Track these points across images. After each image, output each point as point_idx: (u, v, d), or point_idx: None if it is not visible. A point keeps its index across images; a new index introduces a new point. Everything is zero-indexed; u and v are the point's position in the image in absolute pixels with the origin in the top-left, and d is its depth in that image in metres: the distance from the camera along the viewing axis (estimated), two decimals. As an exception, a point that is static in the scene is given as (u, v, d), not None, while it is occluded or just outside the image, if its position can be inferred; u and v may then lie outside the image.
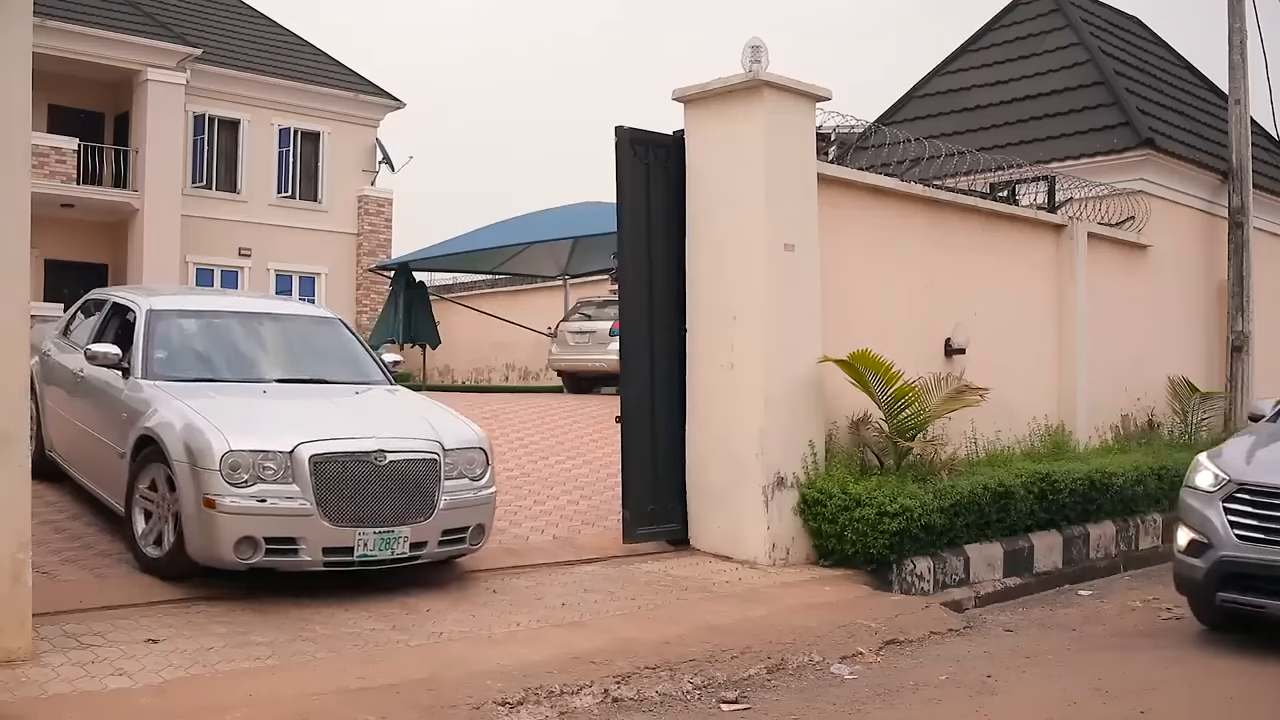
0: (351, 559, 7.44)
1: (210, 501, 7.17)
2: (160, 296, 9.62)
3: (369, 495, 7.50)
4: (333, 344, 9.76)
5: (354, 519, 7.41)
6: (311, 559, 7.34)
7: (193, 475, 7.27)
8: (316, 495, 7.32)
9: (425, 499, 7.73)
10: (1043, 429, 12.05)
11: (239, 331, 9.41)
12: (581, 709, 5.99)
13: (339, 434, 7.67)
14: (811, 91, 9.76)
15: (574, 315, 21.79)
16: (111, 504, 8.47)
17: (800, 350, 9.59)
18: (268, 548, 7.25)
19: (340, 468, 7.44)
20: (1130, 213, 13.97)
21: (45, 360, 10.23)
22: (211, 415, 7.59)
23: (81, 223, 28.25)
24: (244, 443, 7.31)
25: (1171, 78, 18.05)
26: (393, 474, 7.61)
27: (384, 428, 8.00)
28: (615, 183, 9.53)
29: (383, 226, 33.30)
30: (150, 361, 8.59)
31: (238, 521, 7.17)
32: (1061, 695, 6.69)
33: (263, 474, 7.27)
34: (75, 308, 10.73)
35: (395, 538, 7.55)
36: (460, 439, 8.21)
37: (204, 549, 7.28)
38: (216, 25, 32.42)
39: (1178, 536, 8.14)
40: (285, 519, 7.26)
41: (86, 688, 5.63)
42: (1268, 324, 15.79)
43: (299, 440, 7.41)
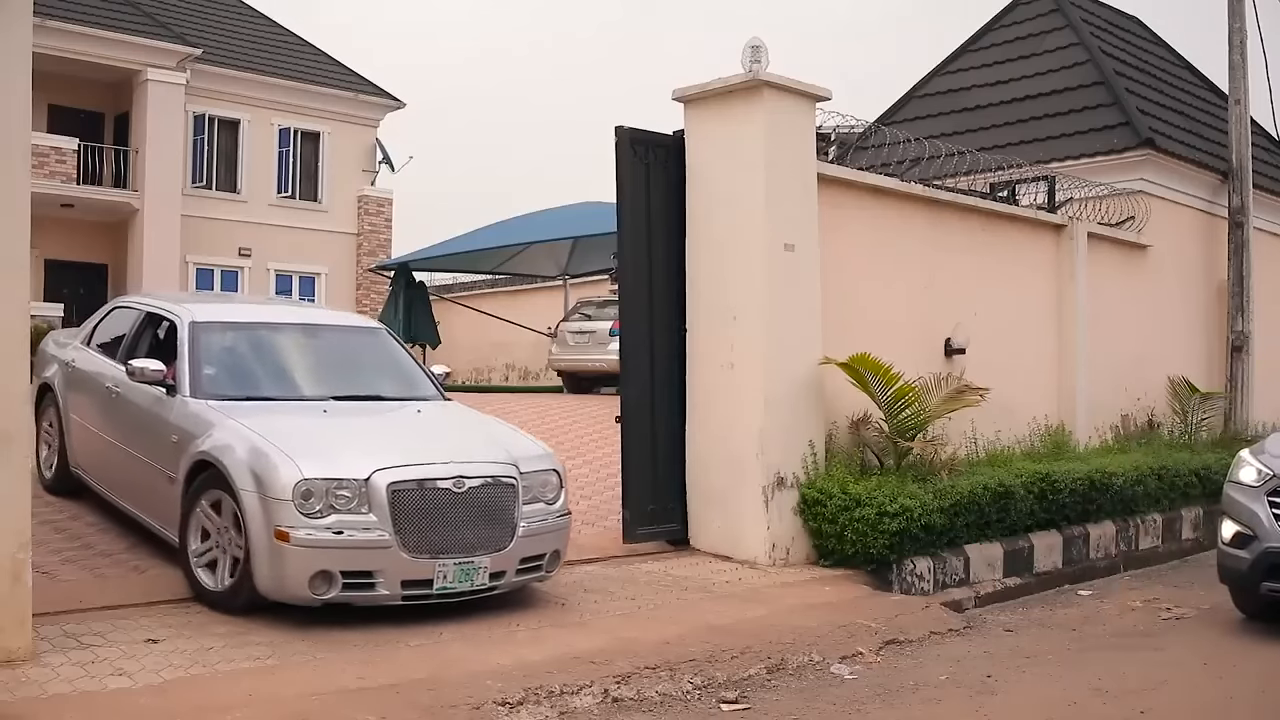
0: (430, 592, 7.03)
1: (283, 534, 6.70)
2: (201, 306, 9.04)
3: (448, 524, 7.08)
4: (381, 356, 9.27)
5: (433, 549, 6.99)
6: (389, 593, 6.93)
7: (262, 505, 6.80)
8: (395, 525, 6.88)
9: (504, 526, 7.32)
10: (1043, 429, 12.05)
11: (286, 344, 8.89)
12: (581, 709, 5.98)
13: (414, 459, 7.21)
14: (811, 91, 9.77)
15: (574, 315, 21.78)
16: (158, 530, 7.90)
17: (800, 350, 9.59)
18: (344, 582, 6.82)
19: (419, 495, 7.01)
20: (1130, 213, 13.97)
21: (69, 371, 9.64)
22: (277, 439, 7.11)
23: (81, 223, 28.26)
24: (317, 470, 6.85)
25: (1171, 78, 18.05)
26: (472, 501, 7.19)
27: (457, 450, 7.55)
28: (615, 183, 9.53)
29: (383, 226, 33.31)
30: (199, 378, 8.01)
31: (312, 555, 6.73)
32: (1061, 695, 6.69)
33: (336, 503, 6.82)
34: (99, 316, 10.09)
35: (475, 568, 7.14)
36: (535, 460, 7.80)
37: (275, 584, 6.82)
38: (216, 25, 32.43)
39: (1221, 529, 8.55)
40: (362, 551, 6.83)
41: (86, 688, 5.63)
42: (1268, 324, 15.78)
43: (375, 466, 6.97)
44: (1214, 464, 12.44)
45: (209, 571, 7.22)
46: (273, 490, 6.79)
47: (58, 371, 9.80)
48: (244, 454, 7.03)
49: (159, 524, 7.86)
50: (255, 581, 6.85)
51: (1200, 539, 12.12)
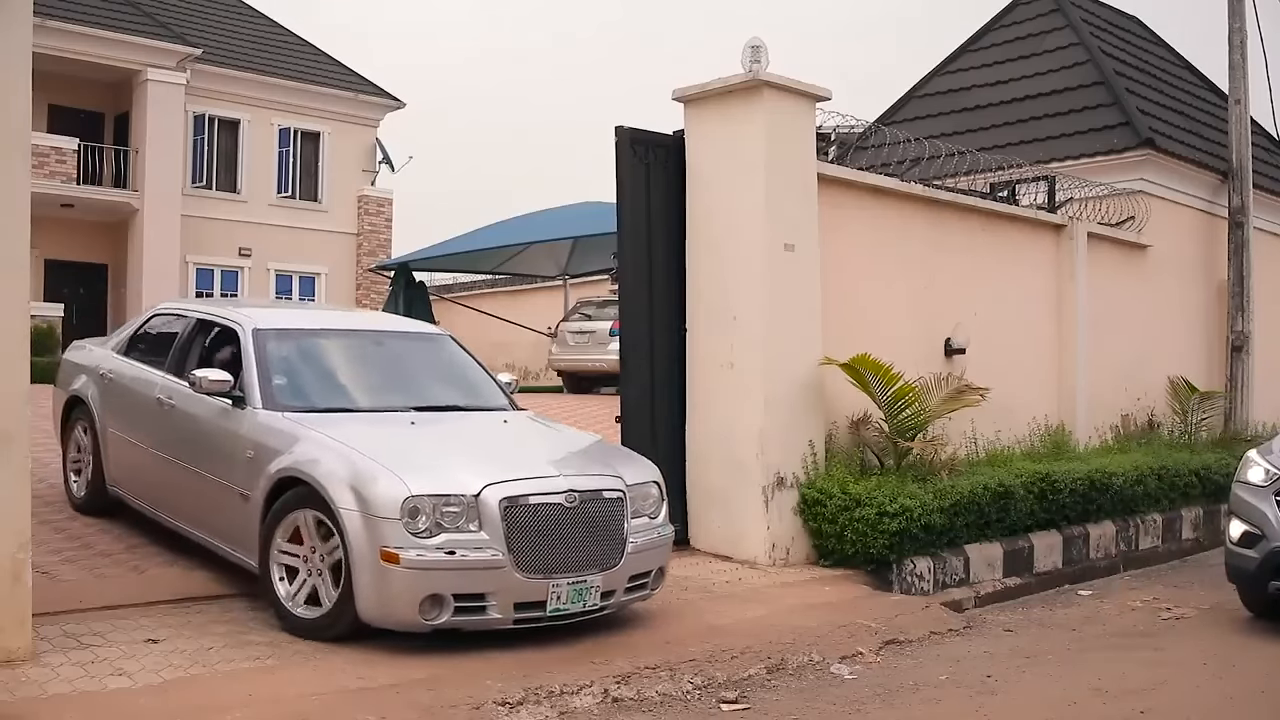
0: (544, 613, 6.65)
1: (391, 555, 6.27)
2: (260, 312, 8.55)
3: (561, 541, 6.68)
4: (449, 363, 8.84)
5: (546, 569, 6.59)
6: (502, 616, 6.54)
7: (365, 524, 6.35)
8: (508, 543, 6.47)
9: (615, 543, 6.92)
10: (1043, 429, 12.05)
11: (353, 352, 8.50)
12: (581, 709, 5.98)
13: (522, 472, 6.83)
14: (811, 91, 9.77)
15: (574, 315, 21.79)
16: (227, 553, 7.44)
17: (800, 350, 9.59)
18: (456, 605, 6.43)
19: (531, 511, 6.60)
20: (1130, 213, 13.98)
21: (106, 383, 9.01)
22: (374, 452, 6.71)
23: (81, 223, 28.29)
24: (425, 486, 6.44)
25: (1171, 78, 18.05)
26: (583, 516, 6.80)
27: (561, 462, 7.20)
28: (615, 183, 9.53)
29: (383, 226, 33.34)
30: (269, 388, 7.52)
31: (423, 577, 6.31)
32: (1061, 695, 6.70)
33: (444, 520, 6.41)
34: (137, 324, 9.50)
35: (587, 588, 6.75)
36: (638, 473, 7.43)
37: (380, 609, 6.41)
38: (216, 25, 32.45)
39: (1229, 529, 8.63)
40: (476, 572, 6.42)
41: (86, 688, 5.63)
42: (1268, 324, 15.79)
43: (485, 481, 6.57)
44: (1214, 464, 12.45)
45: (297, 597, 6.76)
46: (378, 508, 6.35)
47: (89, 383, 9.22)
48: (341, 469, 6.60)
49: (227, 545, 7.41)
50: (357, 607, 6.42)
51: (1200, 539, 12.13)
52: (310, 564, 6.71)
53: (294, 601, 6.75)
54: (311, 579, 6.71)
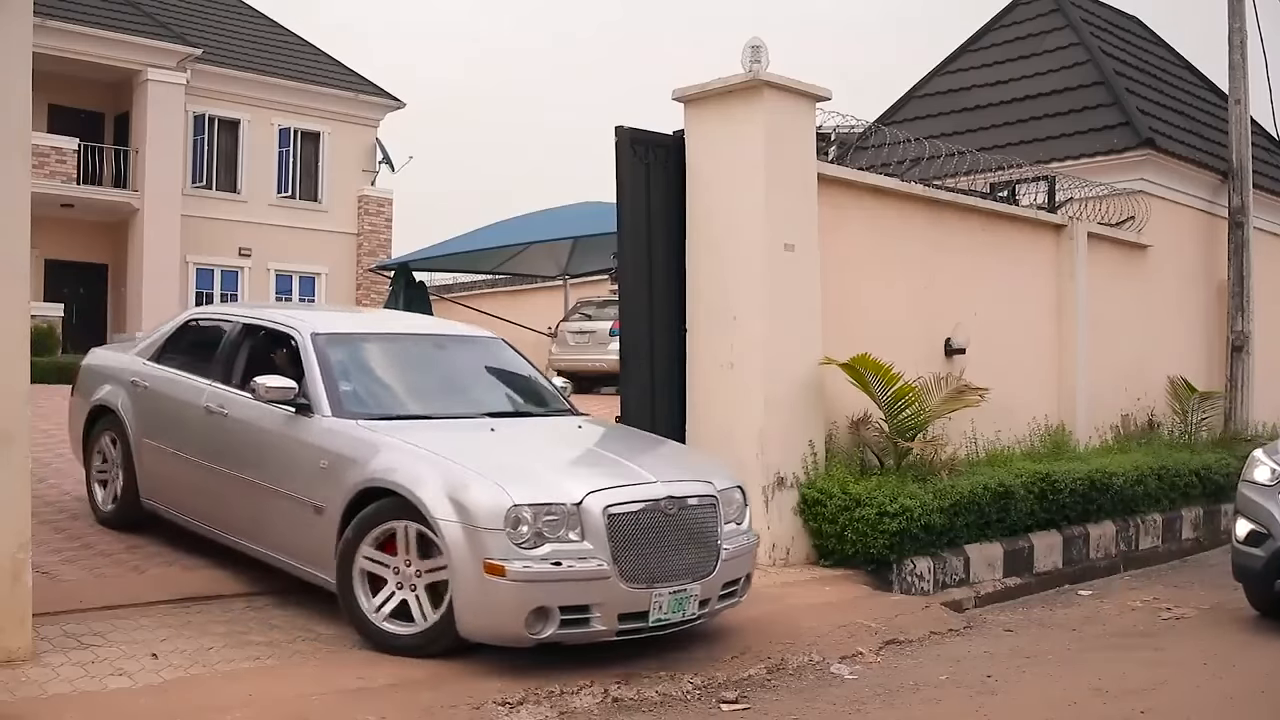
0: (646, 624, 6.43)
1: (496, 567, 6.04)
2: (315, 316, 8.33)
3: (662, 549, 6.49)
4: (508, 368, 8.64)
5: (649, 578, 6.38)
6: (606, 627, 6.30)
7: (467, 536, 6.11)
8: (612, 553, 6.26)
9: (711, 550, 6.74)
10: (1043, 429, 12.05)
11: (414, 357, 8.28)
12: (581, 709, 5.98)
13: (621, 479, 6.64)
14: (811, 91, 9.76)
15: (574, 315, 21.78)
16: (295, 567, 7.17)
17: (800, 350, 9.59)
18: (561, 618, 6.20)
19: (634, 519, 6.39)
20: (1130, 213, 13.97)
21: (139, 392, 8.62)
22: (465, 461, 6.52)
23: (81, 223, 28.30)
24: (527, 494, 6.21)
25: (1172, 78, 18.05)
26: (682, 523, 6.61)
27: (654, 468, 6.95)
28: (615, 183, 9.52)
29: (383, 226, 33.35)
30: (338, 395, 7.25)
31: (530, 590, 6.08)
32: (1061, 695, 6.70)
33: (546, 530, 6.18)
34: (168, 331, 9.07)
35: (687, 597, 6.55)
36: (724, 478, 7.23)
37: (485, 623, 6.20)
38: (216, 25, 32.46)
39: (1235, 528, 8.69)
40: (581, 584, 6.19)
41: (86, 688, 5.63)
42: (1268, 324, 15.79)
43: (587, 489, 6.37)
44: (1214, 464, 12.45)
45: (383, 612, 6.52)
46: (479, 518, 6.12)
47: (118, 392, 8.79)
48: (434, 478, 6.36)
49: (293, 560, 7.16)
50: (456, 621, 6.21)
51: (1200, 539, 12.13)
52: (401, 578, 6.48)
53: (382, 618, 6.49)
54: (402, 593, 6.47)
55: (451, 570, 6.17)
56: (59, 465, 10.93)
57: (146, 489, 8.44)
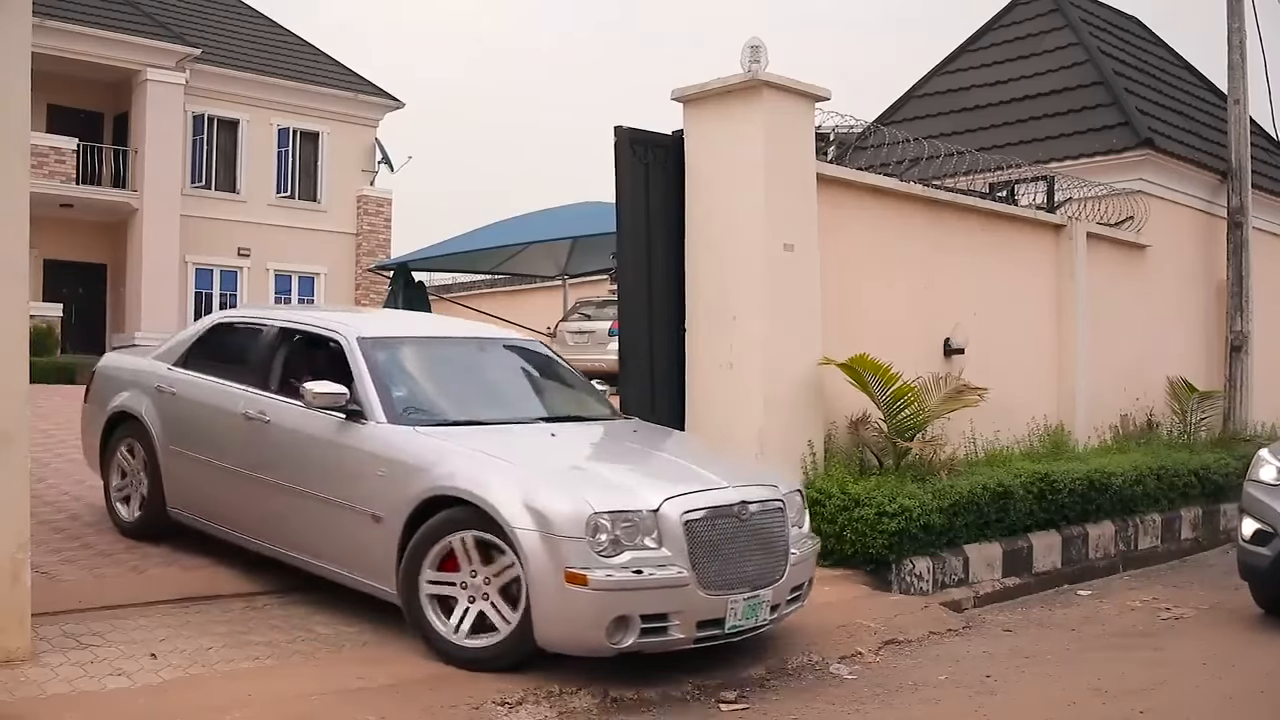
0: (722, 631, 6.36)
1: (578, 576, 5.92)
2: (357, 319, 8.20)
3: (737, 555, 6.43)
4: (550, 371, 8.52)
5: (725, 584, 6.32)
6: (683, 636, 6.21)
7: (545, 545, 5.97)
8: (691, 559, 6.18)
9: (781, 554, 6.69)
10: (1042, 429, 12.05)
11: (460, 361, 8.14)
12: (581, 709, 5.99)
13: (694, 484, 6.54)
14: (811, 91, 9.77)
15: (573, 315, 21.77)
16: (349, 578, 6.97)
17: (800, 350, 9.59)
18: (642, 627, 6.10)
19: (709, 525, 6.32)
20: (1129, 213, 13.97)
21: (166, 398, 8.33)
22: (536, 468, 6.49)
23: (80, 223, 28.31)
24: (605, 501, 6.11)
25: (1171, 78, 18.05)
26: (754, 528, 6.56)
27: (723, 473, 6.86)
28: (614, 183, 9.53)
29: (382, 226, 33.38)
30: (391, 401, 7.06)
31: (612, 599, 5.97)
32: (1061, 695, 6.70)
33: (624, 538, 6.07)
34: (194, 335, 8.78)
35: (760, 602, 6.49)
36: (785, 481, 7.23)
37: (564, 633, 6.08)
38: (216, 25, 32.48)
39: (1242, 527, 8.76)
40: (661, 591, 6.10)
41: (85, 688, 5.64)
42: (1267, 324, 15.79)
43: (663, 496, 6.27)
44: (1213, 464, 12.45)
45: (459, 626, 6.34)
46: (559, 527, 5.99)
47: (141, 399, 8.51)
48: (508, 486, 6.23)
49: (346, 570, 6.97)
50: (535, 632, 6.09)
51: (1199, 539, 12.13)
52: (471, 590, 6.33)
53: (456, 631, 6.33)
54: (477, 605, 6.32)
55: (530, 580, 6.03)
56: (58, 465, 10.93)
57: (175, 498, 8.20)
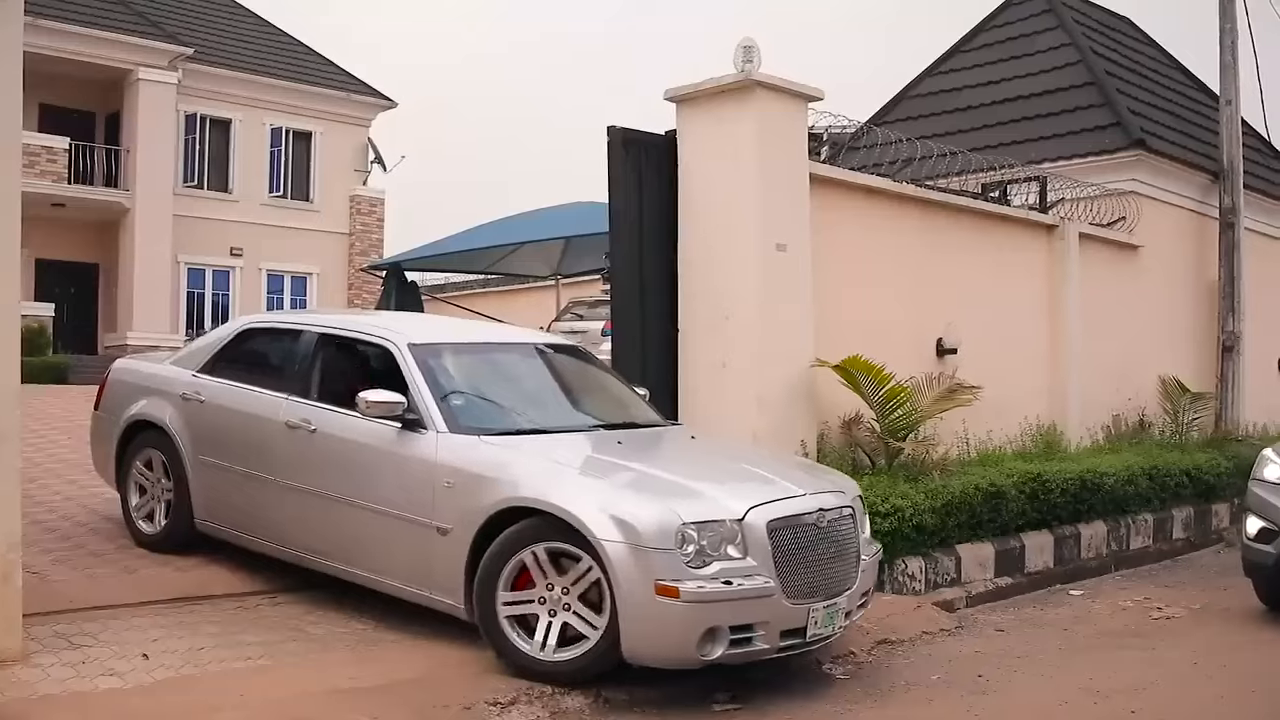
0: (804, 640, 6.31)
1: (669, 589, 5.80)
2: (405, 325, 7.99)
3: (817, 562, 6.38)
4: (596, 376, 8.41)
5: (807, 592, 6.27)
6: (768, 646, 6.14)
7: (634, 556, 5.85)
8: (776, 568, 6.13)
9: (853, 560, 6.67)
10: (1034, 429, 12.06)
11: (510, 367, 8.00)
12: (573, 709, 5.99)
13: (773, 493, 6.47)
14: (804, 92, 9.77)
15: (566, 315, 21.75)
16: (410, 592, 6.79)
17: (792, 350, 9.59)
18: (730, 638, 6.02)
19: (792, 533, 6.27)
20: (1122, 213, 13.99)
21: (194, 407, 8.09)
22: (619, 478, 6.41)
23: (73, 222, 28.25)
24: (693, 512, 6.01)
25: (1163, 78, 18.08)
26: (830, 535, 6.50)
27: (796, 480, 6.80)
28: (607, 183, 9.51)
29: (375, 226, 33.37)
30: (450, 410, 6.90)
31: (704, 610, 5.88)
32: (1053, 695, 6.71)
33: (710, 548, 5.97)
34: (221, 341, 8.51)
35: (837, 609, 6.45)
36: (850, 486, 7.21)
37: (653, 646, 5.97)
38: (208, 24, 32.47)
39: (1246, 525, 8.88)
40: (749, 602, 6.02)
41: (77, 688, 5.63)
42: (1258, 324, 15.81)
43: (748, 504, 6.19)
44: (1205, 464, 12.46)
45: (543, 640, 6.18)
46: (648, 538, 5.87)
47: (162, 406, 8.28)
48: (591, 497, 6.13)
49: (407, 584, 6.79)
50: (623, 645, 5.97)
51: (1191, 539, 12.15)
52: (551, 603, 6.18)
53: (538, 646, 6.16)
54: (559, 616, 6.17)
55: (617, 592, 5.90)
56: (50, 465, 10.93)
57: (205, 510, 7.98)
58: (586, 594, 6.09)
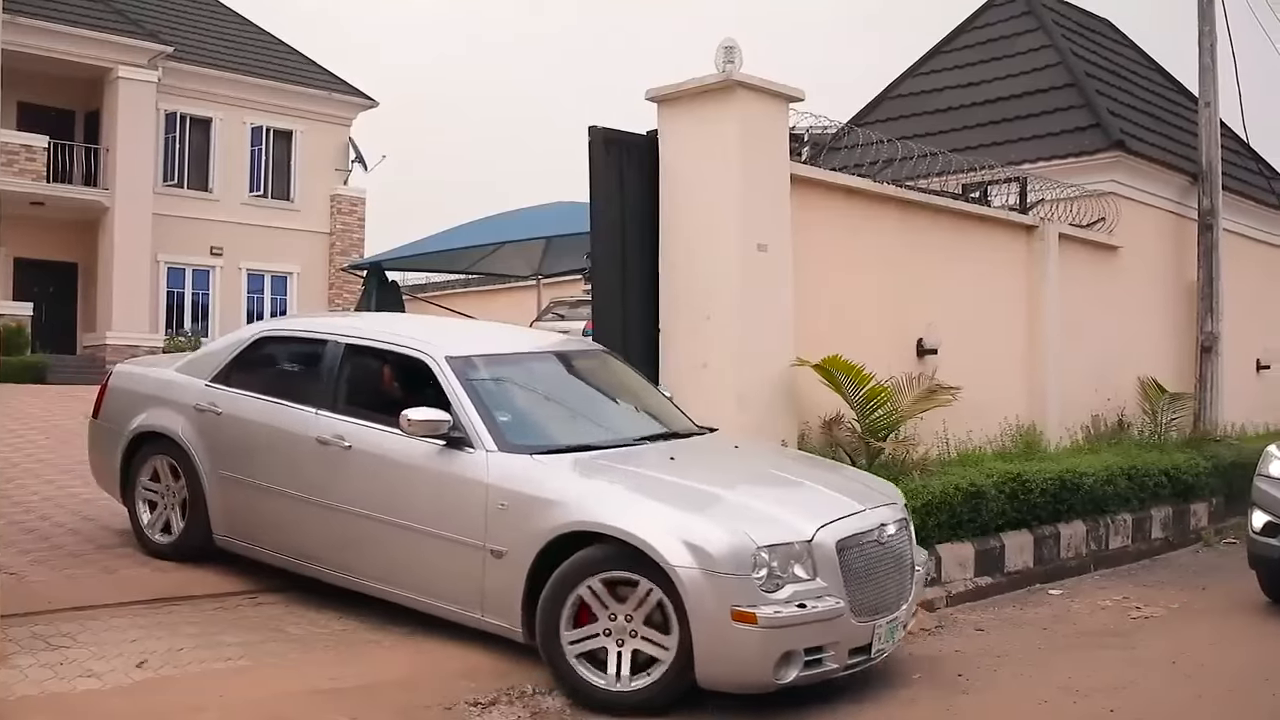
0: (869, 657, 6.30)
1: (746, 615, 5.71)
2: (439, 335, 7.73)
3: (880, 578, 6.37)
4: (629, 383, 8.24)
5: (872, 609, 6.25)
6: (836, 665, 6.11)
7: (709, 582, 5.73)
8: (845, 587, 6.08)
9: (908, 572, 6.69)
10: (1014, 429, 12.09)
11: (548, 378, 7.88)
12: (553, 709, 5.99)
13: (837, 510, 6.41)
14: (785, 92, 9.78)
15: (547, 315, 21.77)
16: (458, 614, 6.64)
17: (773, 351, 9.60)
18: (804, 660, 5.97)
19: (859, 551, 6.23)
20: (1101, 214, 14.05)
21: (210, 419, 7.83)
22: (678, 499, 6.22)
23: (52, 221, 28.10)
24: (766, 535, 5.92)
25: (1142, 80, 18.16)
26: (891, 550, 6.50)
27: (853, 494, 6.79)
28: (589, 182, 9.51)
29: (355, 225, 33.30)
30: (497, 427, 6.73)
31: (780, 635, 5.81)
32: (1032, 694, 6.74)
33: (779, 570, 5.88)
34: (233, 347, 8.20)
35: (896, 624, 6.47)
36: (898, 495, 7.24)
37: (730, 672, 5.87)
38: (188, 23, 32.36)
39: (1252, 520, 9.21)
40: (821, 624, 5.96)
41: (55, 689, 5.61)
42: (1236, 325, 15.90)
43: (816, 524, 6.13)
44: (1183, 464, 12.52)
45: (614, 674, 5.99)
46: (723, 564, 5.76)
47: (173, 417, 8.00)
48: (659, 520, 5.98)
49: (455, 605, 6.64)
50: (697, 671, 5.83)
51: (1170, 538, 12.20)
52: (618, 633, 6.01)
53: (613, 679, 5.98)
54: (628, 644, 5.99)
55: (691, 618, 5.77)
56: (28, 465, 10.88)
57: (224, 525, 7.76)
58: (650, 616, 5.96)
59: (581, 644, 6.04)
